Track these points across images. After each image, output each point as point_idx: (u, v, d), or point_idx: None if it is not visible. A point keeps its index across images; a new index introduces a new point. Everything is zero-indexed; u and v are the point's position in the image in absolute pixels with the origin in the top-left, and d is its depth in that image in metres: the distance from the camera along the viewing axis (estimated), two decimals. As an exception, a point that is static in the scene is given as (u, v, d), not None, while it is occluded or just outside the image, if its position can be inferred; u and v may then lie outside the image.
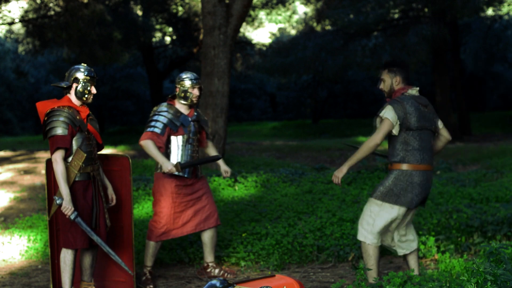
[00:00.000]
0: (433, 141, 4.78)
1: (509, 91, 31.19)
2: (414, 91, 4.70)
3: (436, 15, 18.66)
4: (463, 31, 25.89)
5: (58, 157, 4.50)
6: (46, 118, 4.60)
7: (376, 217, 4.61)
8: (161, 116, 5.38)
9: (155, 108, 5.49)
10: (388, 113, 4.55)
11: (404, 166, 4.58)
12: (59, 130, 4.51)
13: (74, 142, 4.60)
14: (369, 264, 4.62)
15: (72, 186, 4.57)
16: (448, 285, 3.71)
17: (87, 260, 4.78)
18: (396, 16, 20.00)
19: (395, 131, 4.57)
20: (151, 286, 5.30)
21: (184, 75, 5.50)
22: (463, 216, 6.44)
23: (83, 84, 4.65)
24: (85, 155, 4.60)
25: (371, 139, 4.58)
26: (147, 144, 5.28)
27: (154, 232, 5.39)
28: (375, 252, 4.63)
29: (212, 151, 5.80)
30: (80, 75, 4.65)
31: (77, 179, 4.60)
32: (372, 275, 4.60)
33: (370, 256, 4.63)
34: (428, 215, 6.63)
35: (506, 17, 26.37)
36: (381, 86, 4.78)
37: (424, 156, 4.62)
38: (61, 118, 4.54)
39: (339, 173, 4.64)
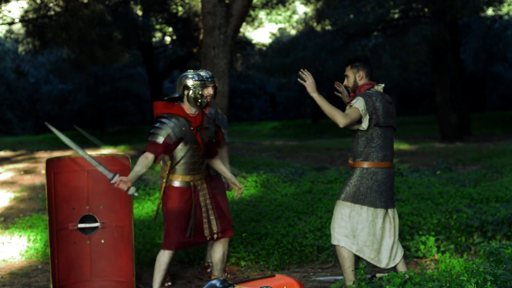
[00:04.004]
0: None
1: (509, 91, 31.20)
2: (379, 87, 4.67)
3: (436, 15, 18.66)
4: (463, 31, 25.89)
5: (148, 155, 4.54)
6: (155, 119, 4.67)
7: (348, 220, 4.53)
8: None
9: None
10: (359, 104, 4.50)
11: (368, 164, 4.53)
12: (157, 138, 4.56)
13: (178, 152, 4.66)
14: (345, 267, 4.52)
15: (172, 190, 4.66)
16: (448, 285, 3.71)
17: (217, 255, 4.80)
18: (396, 16, 20.01)
19: (364, 125, 4.51)
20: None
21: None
22: (463, 216, 6.44)
23: (193, 89, 4.69)
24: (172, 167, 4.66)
25: (340, 116, 4.42)
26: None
27: None
28: (350, 255, 4.53)
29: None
30: (189, 82, 4.70)
31: (176, 185, 4.67)
32: (350, 279, 4.50)
33: (345, 259, 4.53)
34: (428, 215, 6.63)
35: (506, 17, 26.38)
36: (345, 82, 4.76)
37: (386, 153, 4.58)
38: (165, 127, 4.59)
39: (311, 86, 4.59)
